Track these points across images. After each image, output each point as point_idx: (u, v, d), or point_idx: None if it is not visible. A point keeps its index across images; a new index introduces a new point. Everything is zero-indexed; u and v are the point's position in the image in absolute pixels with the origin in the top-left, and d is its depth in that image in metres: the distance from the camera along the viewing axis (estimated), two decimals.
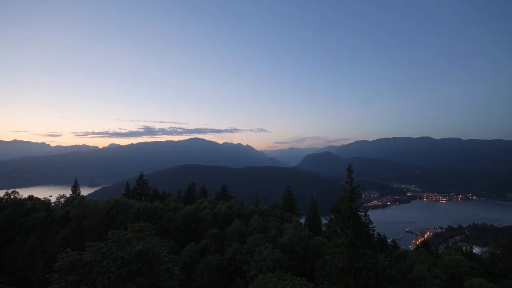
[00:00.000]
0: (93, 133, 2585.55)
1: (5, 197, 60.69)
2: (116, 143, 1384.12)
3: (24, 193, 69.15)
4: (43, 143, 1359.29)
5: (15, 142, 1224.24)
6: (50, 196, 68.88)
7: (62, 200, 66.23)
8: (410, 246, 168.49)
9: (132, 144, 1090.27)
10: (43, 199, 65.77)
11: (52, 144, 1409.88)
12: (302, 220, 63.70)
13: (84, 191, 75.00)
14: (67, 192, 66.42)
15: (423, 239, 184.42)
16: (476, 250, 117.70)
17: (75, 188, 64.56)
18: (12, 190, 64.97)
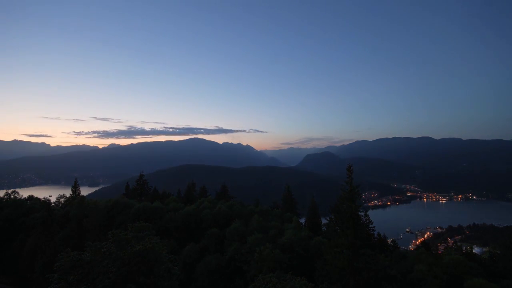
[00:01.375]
0: (87, 133, 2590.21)
1: (5, 197, 60.61)
2: (116, 143, 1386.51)
3: (24, 193, 69.07)
4: (43, 143, 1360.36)
5: (15, 142, 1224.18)
6: (50, 196, 68.81)
7: (62, 200, 66.12)
8: (410, 246, 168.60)
9: (132, 144, 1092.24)
10: (43, 199, 65.69)
11: (52, 144, 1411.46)
12: (302, 220, 63.67)
13: (84, 191, 74.88)
14: (67, 192, 66.29)
15: (423, 239, 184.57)
16: (476, 250, 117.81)
17: (75, 188, 64.41)
18: (12, 190, 64.88)
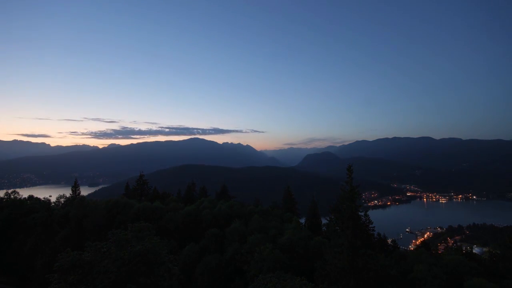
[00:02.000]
0: (84, 133, 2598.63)
1: (5, 197, 60.52)
2: (115, 143, 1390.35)
3: (24, 193, 68.93)
4: (43, 143, 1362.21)
5: (15, 142, 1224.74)
6: (50, 196, 68.70)
7: (62, 200, 66.04)
8: (410, 246, 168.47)
9: (132, 144, 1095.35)
10: (43, 199, 65.61)
11: (52, 144, 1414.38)
12: (302, 220, 63.66)
13: (84, 191, 74.82)
14: (67, 192, 66.22)
15: (423, 239, 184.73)
16: (476, 250, 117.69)
17: (75, 188, 64.34)
18: (12, 190, 64.70)
